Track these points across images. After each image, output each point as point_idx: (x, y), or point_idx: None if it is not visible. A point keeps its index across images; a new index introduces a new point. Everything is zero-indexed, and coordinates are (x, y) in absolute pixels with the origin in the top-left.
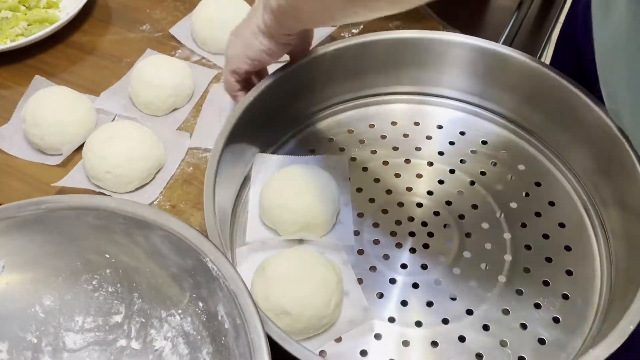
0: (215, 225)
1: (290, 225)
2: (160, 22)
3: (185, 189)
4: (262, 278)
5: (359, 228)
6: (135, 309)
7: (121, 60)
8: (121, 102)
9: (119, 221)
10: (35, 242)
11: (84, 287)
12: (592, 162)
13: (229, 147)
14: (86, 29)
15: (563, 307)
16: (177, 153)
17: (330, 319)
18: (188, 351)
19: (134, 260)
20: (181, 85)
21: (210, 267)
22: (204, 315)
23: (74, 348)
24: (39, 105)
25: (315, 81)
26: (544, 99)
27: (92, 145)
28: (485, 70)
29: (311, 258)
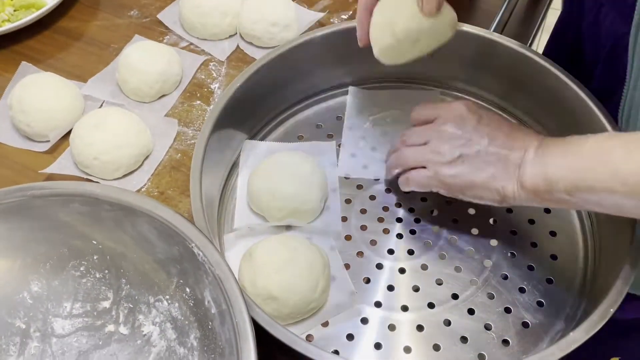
0: (201, 211)
1: (278, 212)
2: (148, 8)
3: (173, 176)
4: (249, 264)
5: (346, 214)
6: (123, 295)
7: (109, 46)
8: (109, 88)
9: (105, 208)
10: (22, 229)
11: (71, 273)
12: None
13: (216, 133)
14: (73, 15)
15: (547, 291)
16: (165, 139)
17: (317, 303)
18: (176, 336)
19: (121, 247)
20: (169, 72)
21: (196, 252)
22: (191, 301)
23: (62, 333)
24: (26, 91)
25: (303, 67)
26: (532, 86)
27: (79, 132)
28: (474, 56)
29: (298, 244)
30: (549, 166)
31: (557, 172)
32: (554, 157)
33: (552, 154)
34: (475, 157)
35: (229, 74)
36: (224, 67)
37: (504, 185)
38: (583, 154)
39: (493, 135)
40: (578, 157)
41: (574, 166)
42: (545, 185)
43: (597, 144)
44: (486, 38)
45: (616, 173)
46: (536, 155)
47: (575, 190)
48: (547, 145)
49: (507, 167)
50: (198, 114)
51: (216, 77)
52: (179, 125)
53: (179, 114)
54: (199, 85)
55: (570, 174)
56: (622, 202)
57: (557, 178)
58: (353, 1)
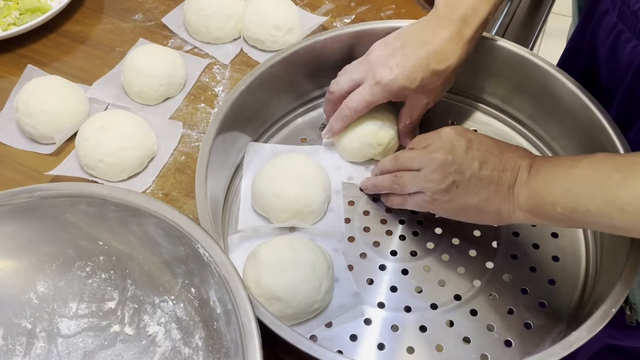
0: (207, 212)
1: (282, 213)
2: (152, 12)
3: (177, 178)
4: (253, 264)
5: (349, 216)
6: (128, 295)
7: (113, 49)
8: (114, 91)
9: (111, 209)
10: (29, 230)
11: (77, 274)
12: (580, 151)
13: (221, 136)
14: (78, 19)
15: (549, 293)
16: (170, 142)
17: (320, 304)
18: (181, 336)
19: (127, 247)
20: (173, 75)
21: (202, 253)
22: (196, 301)
23: (68, 334)
24: (32, 94)
25: (306, 70)
26: (533, 89)
27: (85, 134)
28: (475, 60)
29: (302, 245)
30: (543, 189)
31: (553, 195)
32: (548, 180)
33: (545, 176)
34: (468, 182)
35: (232, 77)
36: (227, 71)
37: (499, 207)
38: (578, 177)
39: (484, 159)
40: (573, 180)
41: (570, 190)
42: (541, 208)
43: (592, 167)
44: (487, 41)
45: (613, 201)
46: (529, 176)
47: (572, 213)
48: (540, 166)
49: (501, 189)
50: (202, 116)
51: (220, 80)
52: (184, 127)
53: (183, 116)
54: (203, 88)
55: (567, 198)
56: (620, 225)
57: (553, 201)
58: (355, 5)
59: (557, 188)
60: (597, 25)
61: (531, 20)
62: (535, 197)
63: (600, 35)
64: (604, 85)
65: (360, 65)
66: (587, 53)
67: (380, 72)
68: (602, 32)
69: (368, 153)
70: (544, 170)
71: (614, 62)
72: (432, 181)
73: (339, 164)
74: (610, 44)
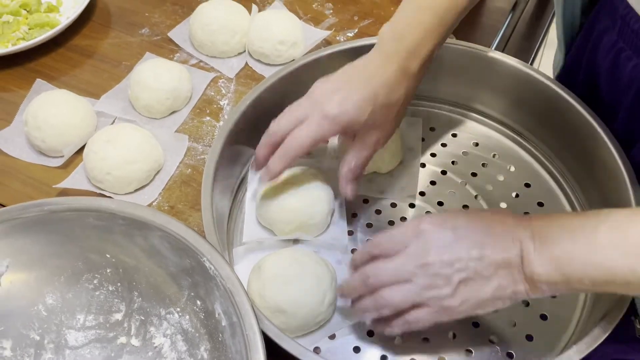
0: (212, 225)
1: (286, 225)
2: (159, 26)
3: (183, 190)
4: (258, 277)
5: (352, 228)
6: (135, 307)
7: (120, 63)
8: (121, 104)
9: (118, 222)
10: (38, 243)
11: (85, 286)
12: (579, 164)
13: (227, 149)
14: (86, 33)
15: (551, 305)
16: (176, 155)
17: (324, 316)
18: (186, 348)
19: (134, 260)
20: (179, 88)
21: (207, 266)
22: (201, 313)
23: (75, 345)
24: (41, 108)
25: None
26: (533, 103)
27: (92, 147)
28: (475, 74)
29: (306, 257)
30: (564, 263)
31: (579, 269)
32: (567, 251)
33: (561, 247)
34: (474, 275)
35: (237, 91)
36: (232, 84)
37: (515, 290)
38: (606, 247)
39: (479, 244)
40: (600, 250)
41: (601, 263)
42: (564, 282)
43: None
44: (488, 55)
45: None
46: (538, 249)
47: (605, 285)
48: (545, 234)
49: (511, 272)
50: (208, 129)
51: (225, 93)
52: (189, 140)
53: (189, 129)
54: (209, 101)
55: (598, 271)
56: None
57: (579, 276)
58: (359, 19)
59: (582, 261)
60: (597, 43)
61: (533, 31)
62: (555, 272)
63: (600, 52)
64: (605, 102)
65: (303, 104)
66: (586, 69)
67: (327, 106)
68: (602, 50)
69: (371, 166)
70: (553, 239)
71: (615, 79)
72: (434, 289)
73: None
74: (611, 62)
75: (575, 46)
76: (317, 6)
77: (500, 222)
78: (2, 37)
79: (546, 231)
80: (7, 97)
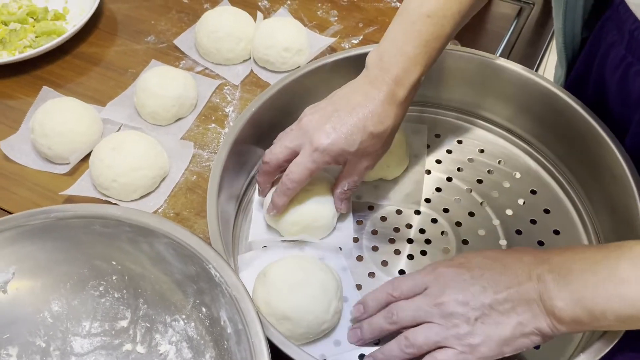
0: (218, 232)
1: (292, 226)
2: (164, 34)
3: (188, 197)
4: (263, 284)
5: (358, 235)
6: (140, 314)
7: (126, 71)
8: (127, 112)
9: (124, 229)
10: (45, 250)
11: (91, 293)
12: (585, 170)
13: (232, 156)
14: (92, 41)
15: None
16: (181, 162)
17: (330, 324)
18: (192, 355)
19: (140, 267)
20: (185, 96)
21: (213, 273)
22: (207, 320)
23: (81, 352)
24: (47, 115)
25: (315, 91)
26: (539, 109)
27: (98, 155)
28: (481, 80)
29: (311, 265)
30: (587, 297)
31: (599, 302)
32: (587, 283)
33: (581, 279)
34: (490, 312)
35: (242, 98)
36: (238, 91)
37: (537, 326)
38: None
39: (495, 282)
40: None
41: (617, 295)
42: (587, 316)
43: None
44: (493, 62)
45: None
46: (557, 283)
47: (629, 319)
48: (565, 267)
49: (530, 308)
50: (213, 136)
51: (230, 100)
52: (195, 147)
53: (194, 136)
54: (214, 108)
55: (621, 304)
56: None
57: (601, 309)
58: (363, 26)
59: (605, 295)
60: (605, 58)
61: (537, 38)
62: (577, 307)
63: (608, 66)
64: (614, 117)
65: (293, 132)
66: (594, 85)
67: (317, 137)
68: (610, 64)
69: (376, 173)
70: (574, 272)
71: (624, 94)
72: (452, 328)
73: None
74: (620, 77)
75: (580, 61)
76: (322, 13)
77: (517, 259)
78: (9, 45)
79: (567, 265)
80: (13, 105)
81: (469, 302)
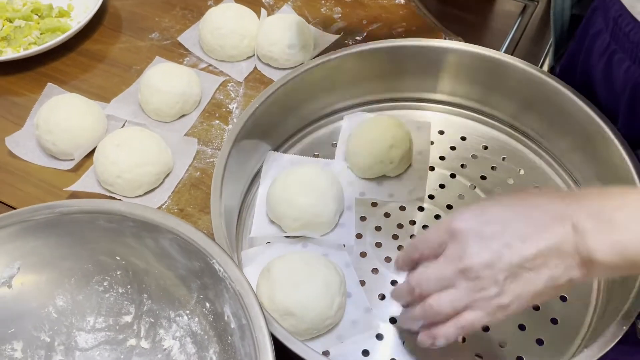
0: (222, 228)
1: (293, 222)
2: (169, 30)
3: (192, 193)
4: (267, 279)
5: (361, 231)
6: (144, 310)
7: (131, 67)
8: (131, 108)
9: (129, 224)
10: (49, 245)
11: (95, 289)
12: (589, 167)
13: (235, 153)
14: (97, 38)
15: (561, 309)
16: (185, 158)
17: (333, 320)
18: (195, 350)
19: (144, 263)
20: (189, 92)
21: (217, 268)
22: (211, 316)
23: (85, 347)
24: (52, 112)
25: (319, 88)
26: (543, 106)
27: (103, 151)
28: (485, 77)
29: (315, 261)
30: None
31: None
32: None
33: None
34: (519, 271)
35: (246, 94)
36: (241, 88)
37: (570, 277)
38: None
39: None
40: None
41: None
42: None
43: None
44: (498, 59)
45: None
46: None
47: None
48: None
49: (563, 260)
50: (217, 133)
51: (234, 97)
52: (199, 144)
53: (198, 133)
54: (218, 105)
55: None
56: None
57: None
58: (367, 23)
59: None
60: (591, 46)
61: (541, 35)
62: (619, 257)
63: (594, 55)
64: (602, 105)
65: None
66: (581, 73)
67: None
68: (595, 52)
69: (380, 170)
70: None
71: (610, 82)
72: (480, 291)
73: (351, 180)
74: (605, 65)
75: (569, 51)
76: (326, 10)
77: (543, 206)
78: (14, 42)
79: (606, 212)
80: (18, 101)
81: (495, 263)
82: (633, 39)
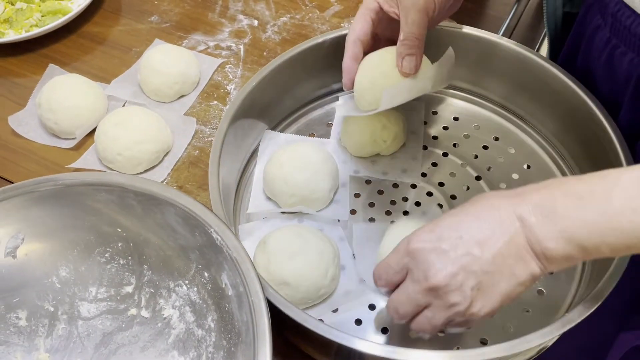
0: (219, 201)
1: (289, 198)
2: (167, 13)
3: (191, 171)
4: (263, 251)
5: (355, 207)
6: (145, 280)
7: (130, 49)
8: (131, 89)
9: (130, 196)
10: (53, 216)
11: (97, 260)
12: (579, 147)
13: (232, 130)
14: (97, 20)
15: (547, 281)
16: (184, 137)
17: (326, 290)
18: (194, 318)
19: (144, 234)
20: (187, 73)
21: (214, 237)
22: (209, 285)
23: (88, 316)
24: (54, 91)
25: (314, 68)
26: (534, 87)
27: (103, 129)
28: (478, 58)
29: (309, 233)
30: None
31: (593, 237)
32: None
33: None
34: (483, 276)
35: (244, 76)
36: (239, 70)
37: (530, 272)
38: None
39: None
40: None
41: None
42: (580, 252)
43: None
44: (491, 41)
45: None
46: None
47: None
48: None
49: (520, 256)
50: (215, 113)
51: (232, 78)
52: (197, 123)
53: (197, 113)
54: (216, 86)
55: (611, 237)
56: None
57: (595, 244)
58: None
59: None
60: (591, 41)
61: (537, 22)
62: (569, 245)
63: (593, 50)
64: (604, 98)
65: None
66: (581, 68)
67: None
68: (595, 47)
69: (374, 149)
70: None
71: (612, 76)
72: (452, 307)
73: (346, 158)
74: (606, 59)
75: (567, 45)
76: None
77: (490, 208)
78: (16, 24)
79: (548, 203)
80: (20, 82)
81: (457, 275)
82: (635, 31)
